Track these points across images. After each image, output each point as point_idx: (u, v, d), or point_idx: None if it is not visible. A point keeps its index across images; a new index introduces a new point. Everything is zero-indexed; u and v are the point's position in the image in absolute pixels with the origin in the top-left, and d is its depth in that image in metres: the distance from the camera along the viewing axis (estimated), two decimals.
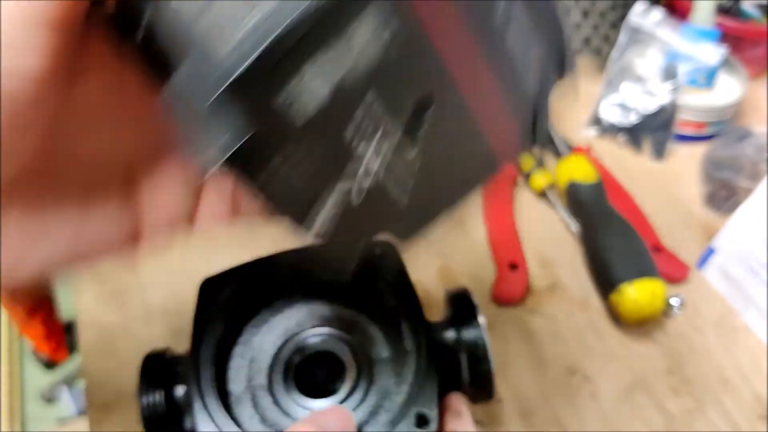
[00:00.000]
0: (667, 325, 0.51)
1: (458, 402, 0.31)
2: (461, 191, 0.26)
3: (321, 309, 0.34)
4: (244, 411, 0.30)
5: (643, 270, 0.48)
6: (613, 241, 0.51)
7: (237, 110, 0.19)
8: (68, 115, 0.21)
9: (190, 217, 0.26)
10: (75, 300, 0.48)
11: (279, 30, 0.18)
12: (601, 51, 0.69)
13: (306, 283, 0.34)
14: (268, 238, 0.31)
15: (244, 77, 0.18)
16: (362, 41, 0.19)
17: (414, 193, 0.23)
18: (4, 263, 0.22)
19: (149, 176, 0.25)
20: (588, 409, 0.46)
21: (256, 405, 0.31)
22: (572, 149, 0.62)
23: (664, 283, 0.48)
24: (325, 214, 0.22)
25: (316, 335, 0.33)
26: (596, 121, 0.65)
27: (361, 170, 0.21)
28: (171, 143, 0.24)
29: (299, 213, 0.21)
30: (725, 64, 0.67)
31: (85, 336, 0.47)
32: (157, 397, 0.30)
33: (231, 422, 0.28)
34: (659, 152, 0.63)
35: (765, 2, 0.73)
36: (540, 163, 0.60)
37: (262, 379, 0.31)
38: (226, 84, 0.18)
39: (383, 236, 0.25)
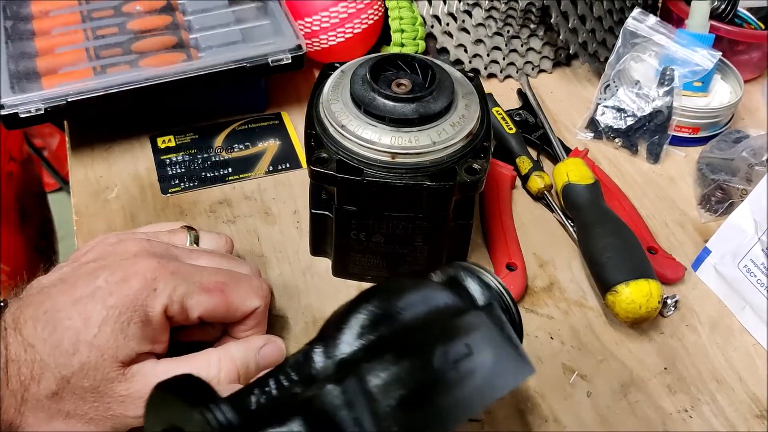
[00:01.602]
0: (663, 325, 0.51)
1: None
2: None
3: None
4: None
5: (639, 271, 0.49)
6: (609, 242, 0.51)
7: None
8: None
9: None
10: None
11: None
12: (598, 55, 0.70)
13: None
14: None
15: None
16: None
17: None
18: None
19: None
20: (584, 407, 0.46)
21: None
22: (569, 152, 0.63)
23: (660, 284, 0.49)
24: None
25: None
26: (593, 124, 0.66)
27: None
28: None
29: None
30: (720, 68, 0.68)
31: None
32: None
33: None
34: (655, 155, 0.64)
35: (759, 6, 0.74)
36: (537, 166, 0.61)
37: None
38: None
39: None
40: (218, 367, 0.39)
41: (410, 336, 0.32)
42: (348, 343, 0.32)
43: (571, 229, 0.57)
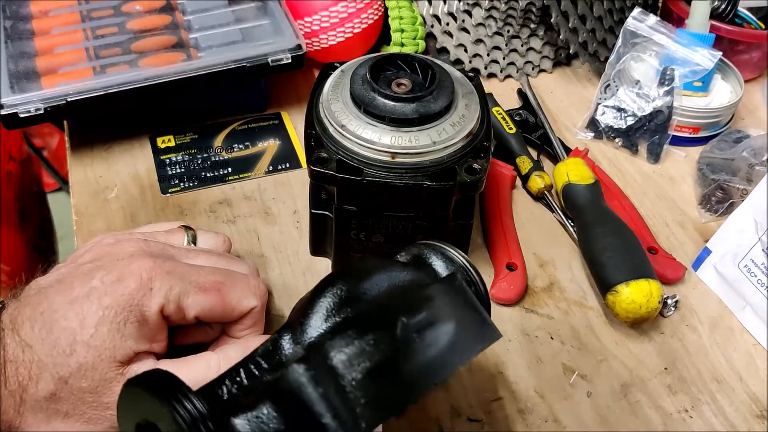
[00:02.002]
0: (663, 325, 0.51)
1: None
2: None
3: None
4: None
5: (639, 270, 0.49)
6: (610, 242, 0.51)
7: None
8: None
9: None
10: None
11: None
12: (599, 55, 0.70)
13: None
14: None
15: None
16: None
17: None
18: None
19: None
20: (584, 407, 0.46)
21: None
22: (569, 152, 0.62)
23: (660, 284, 0.49)
24: None
25: None
26: (593, 124, 0.66)
27: None
28: None
29: None
30: (720, 67, 0.68)
31: None
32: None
33: None
34: (655, 155, 0.64)
35: (759, 6, 0.74)
36: (537, 166, 0.61)
37: None
38: None
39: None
40: (217, 368, 0.39)
41: (373, 312, 0.33)
42: (315, 327, 0.33)
43: (571, 229, 0.57)
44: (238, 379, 0.32)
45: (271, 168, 0.61)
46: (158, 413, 0.28)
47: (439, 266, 0.38)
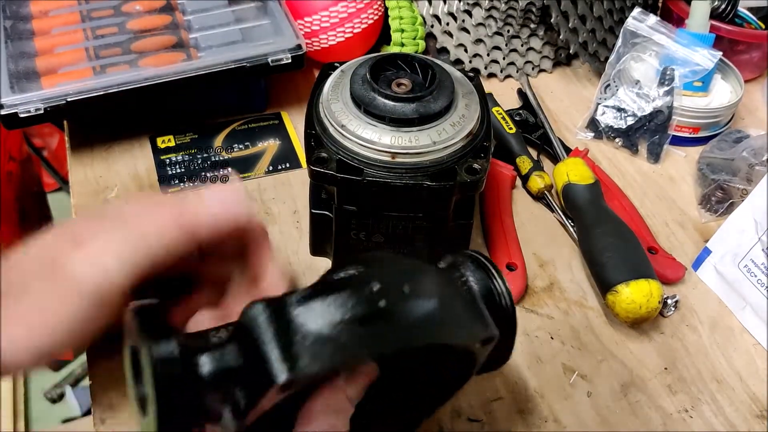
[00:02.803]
0: (663, 325, 0.51)
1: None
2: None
3: None
4: None
5: (639, 270, 0.49)
6: (610, 242, 0.51)
7: None
8: None
9: None
10: None
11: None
12: (599, 55, 0.70)
13: None
14: None
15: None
16: None
17: None
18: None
19: None
20: (584, 407, 0.46)
21: None
22: (569, 152, 0.63)
23: (660, 284, 0.49)
24: None
25: None
26: (593, 124, 0.66)
27: None
28: None
29: None
30: (720, 67, 0.68)
31: None
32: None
33: None
34: (655, 155, 0.64)
35: (759, 6, 0.74)
36: (538, 166, 0.61)
37: None
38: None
39: None
40: None
41: (356, 279, 0.33)
42: None
43: (571, 229, 0.57)
44: (230, 327, 0.33)
45: (271, 168, 0.61)
46: (142, 346, 0.30)
47: (470, 273, 0.37)
